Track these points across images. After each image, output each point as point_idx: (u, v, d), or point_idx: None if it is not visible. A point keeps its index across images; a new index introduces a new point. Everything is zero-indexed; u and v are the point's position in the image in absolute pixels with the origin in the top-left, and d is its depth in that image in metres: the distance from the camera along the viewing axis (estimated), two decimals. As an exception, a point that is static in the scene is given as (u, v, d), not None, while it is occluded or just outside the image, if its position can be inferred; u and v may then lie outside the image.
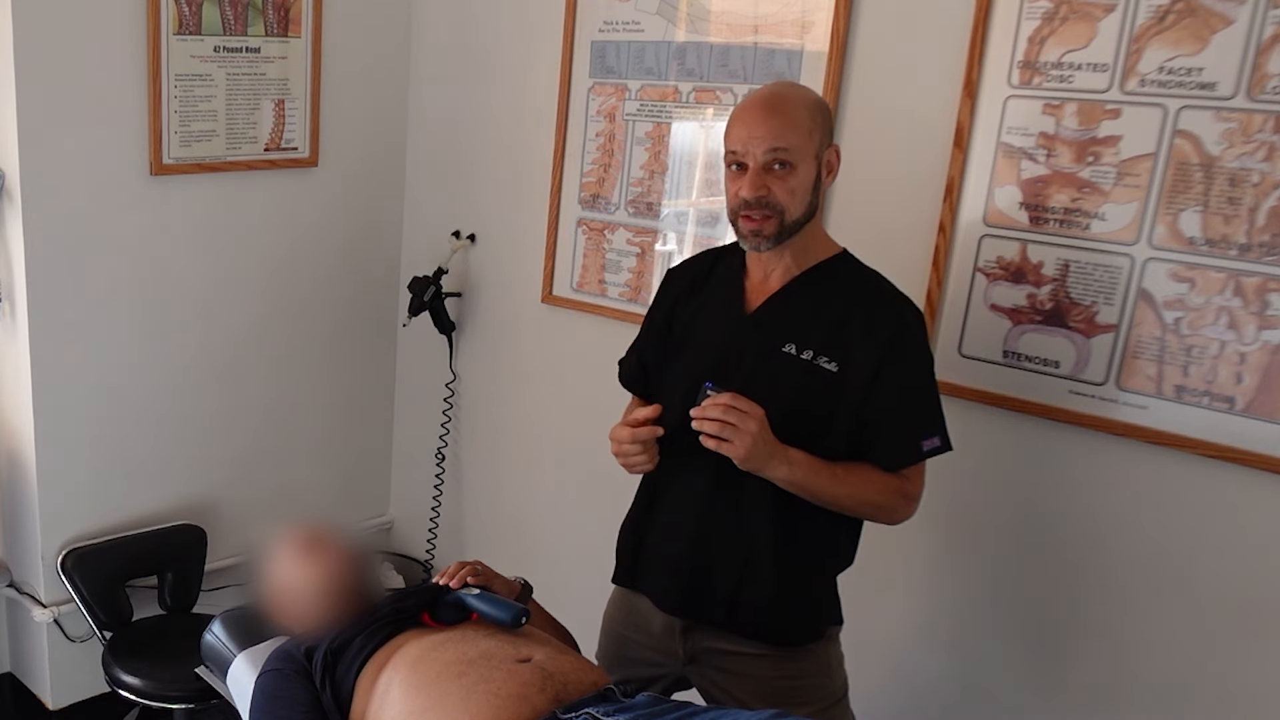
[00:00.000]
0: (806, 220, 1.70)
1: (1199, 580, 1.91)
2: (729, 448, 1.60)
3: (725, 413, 1.59)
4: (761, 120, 1.65)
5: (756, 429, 1.59)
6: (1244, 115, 1.77)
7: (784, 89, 1.72)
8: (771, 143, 1.64)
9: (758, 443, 1.59)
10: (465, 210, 3.01)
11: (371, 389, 3.29)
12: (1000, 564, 2.14)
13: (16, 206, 2.50)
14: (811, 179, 1.67)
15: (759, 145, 1.64)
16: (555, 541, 2.91)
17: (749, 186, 1.65)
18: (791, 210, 1.66)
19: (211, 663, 2.04)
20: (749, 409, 1.60)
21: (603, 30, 2.60)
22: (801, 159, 1.65)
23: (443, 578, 1.79)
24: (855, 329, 1.69)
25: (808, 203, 1.68)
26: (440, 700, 1.53)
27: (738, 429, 1.59)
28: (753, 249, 1.72)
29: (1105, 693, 2.04)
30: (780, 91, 1.70)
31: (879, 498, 1.72)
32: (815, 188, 1.68)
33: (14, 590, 2.81)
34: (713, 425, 1.60)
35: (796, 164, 1.64)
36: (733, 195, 1.69)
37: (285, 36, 2.81)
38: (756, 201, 1.65)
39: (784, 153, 1.64)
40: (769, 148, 1.64)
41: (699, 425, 1.61)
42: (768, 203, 1.65)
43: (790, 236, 1.69)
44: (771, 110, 1.66)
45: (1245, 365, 1.82)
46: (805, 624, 1.83)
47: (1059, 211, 1.97)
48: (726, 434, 1.59)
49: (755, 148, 1.64)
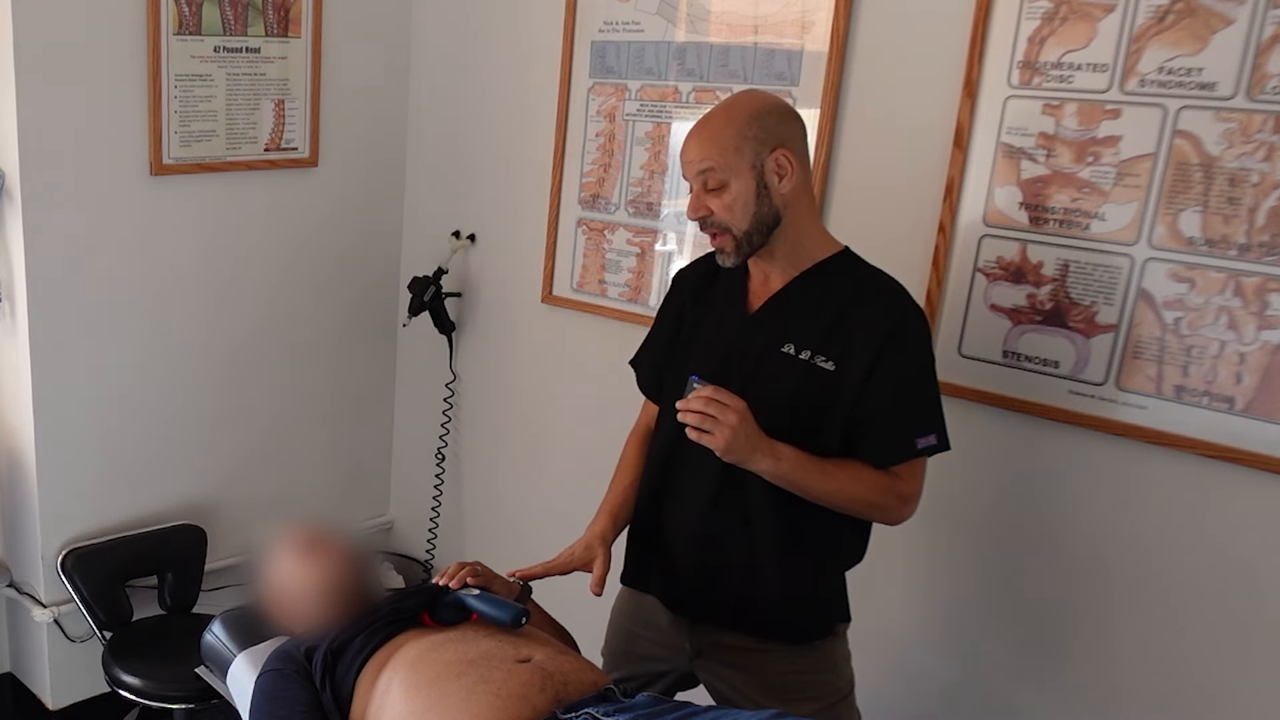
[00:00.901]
0: (769, 228, 1.70)
1: (1199, 580, 1.91)
2: (709, 439, 1.63)
3: (706, 405, 1.62)
4: (691, 144, 1.71)
5: (736, 421, 1.61)
6: (1244, 115, 1.77)
7: (722, 106, 1.73)
8: (697, 165, 1.69)
9: (738, 435, 1.61)
10: (465, 210, 3.02)
11: (371, 389, 3.29)
12: (1000, 563, 2.14)
13: (16, 206, 2.50)
14: (750, 191, 1.68)
15: (689, 169, 1.71)
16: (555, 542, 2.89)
17: (689, 208, 1.73)
18: (737, 224, 1.69)
19: (211, 663, 2.04)
20: (730, 401, 1.62)
21: (603, 30, 2.60)
22: (732, 175, 1.67)
23: (442, 578, 1.79)
24: (853, 326, 1.70)
25: (753, 214, 1.69)
26: (440, 700, 1.53)
27: (718, 421, 1.61)
28: (723, 264, 1.77)
29: (1104, 691, 2.04)
30: (716, 111, 1.73)
31: (869, 495, 1.71)
32: (760, 197, 1.68)
33: (14, 590, 2.81)
34: (694, 417, 1.63)
35: (727, 180, 1.68)
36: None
37: (285, 37, 2.81)
38: (701, 222, 1.72)
39: (711, 173, 1.68)
40: (696, 171, 1.70)
41: (682, 417, 1.65)
42: (712, 222, 1.71)
43: (757, 247, 1.72)
44: (697, 132, 1.71)
45: (1245, 365, 1.82)
46: (813, 620, 1.83)
47: (1059, 211, 1.97)
48: (707, 425, 1.62)
49: (688, 171, 1.71)
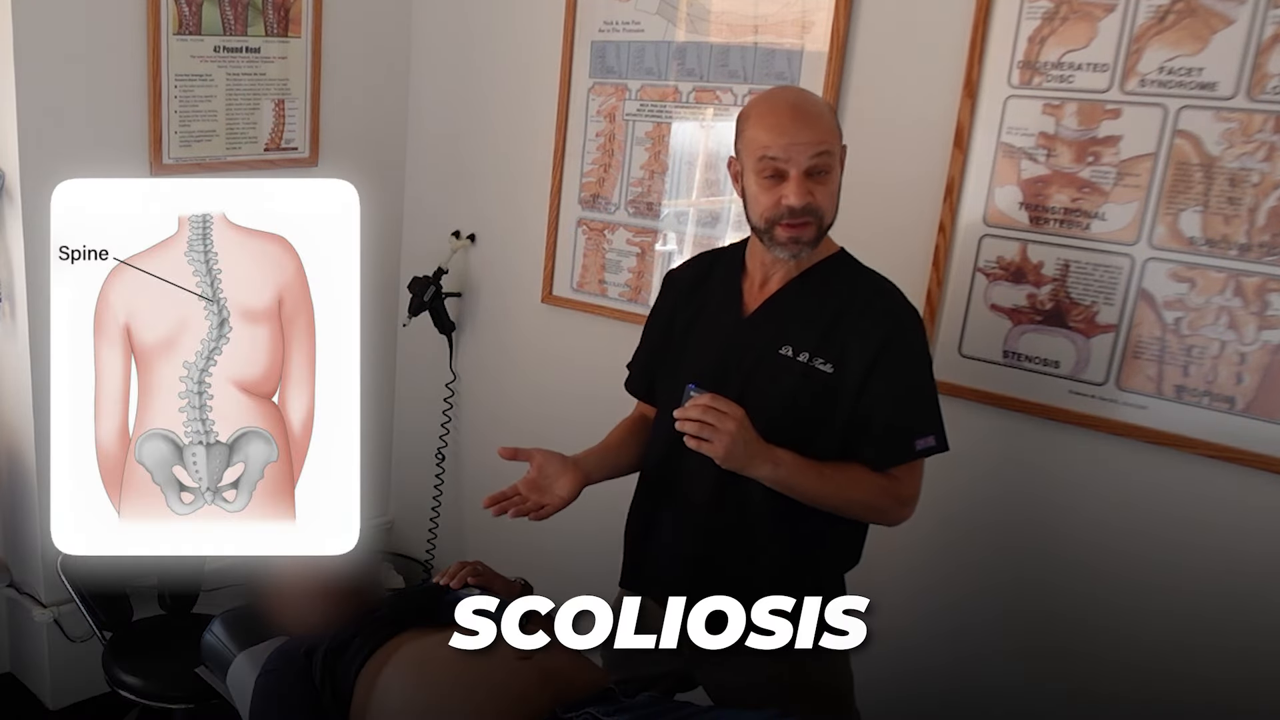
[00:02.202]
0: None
1: (1199, 580, 1.91)
2: (708, 447, 1.61)
3: (704, 413, 1.60)
4: (805, 126, 1.64)
5: (735, 428, 1.59)
6: (1244, 115, 1.77)
7: (805, 94, 1.72)
8: (815, 148, 1.62)
9: (736, 442, 1.60)
10: (465, 210, 3.01)
11: (371, 389, 3.28)
12: (1000, 563, 2.14)
13: (16, 206, 2.50)
14: (838, 182, 1.68)
15: (803, 151, 1.62)
16: (555, 542, 2.91)
17: (797, 194, 1.63)
18: (829, 214, 1.67)
19: (211, 663, 2.03)
20: (727, 409, 1.60)
21: (603, 30, 2.60)
22: (836, 162, 1.66)
23: (443, 578, 1.79)
24: (850, 329, 1.69)
25: (836, 206, 1.69)
26: (441, 700, 1.53)
27: (716, 429, 1.59)
28: (792, 256, 1.70)
29: (1104, 691, 2.04)
30: (805, 96, 1.71)
31: (868, 498, 1.70)
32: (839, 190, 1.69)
33: (14, 590, 2.81)
34: (693, 426, 1.61)
35: (833, 168, 1.65)
36: (772, 204, 1.66)
37: (285, 36, 2.81)
38: (804, 209, 1.64)
39: (826, 157, 1.63)
40: (814, 153, 1.62)
41: (680, 426, 1.62)
42: (812, 208, 1.64)
43: (821, 239, 1.70)
44: (810, 115, 1.65)
45: (1245, 365, 1.82)
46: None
47: (1059, 211, 1.97)
48: (705, 434, 1.60)
49: (799, 154, 1.62)
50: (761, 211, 1.68)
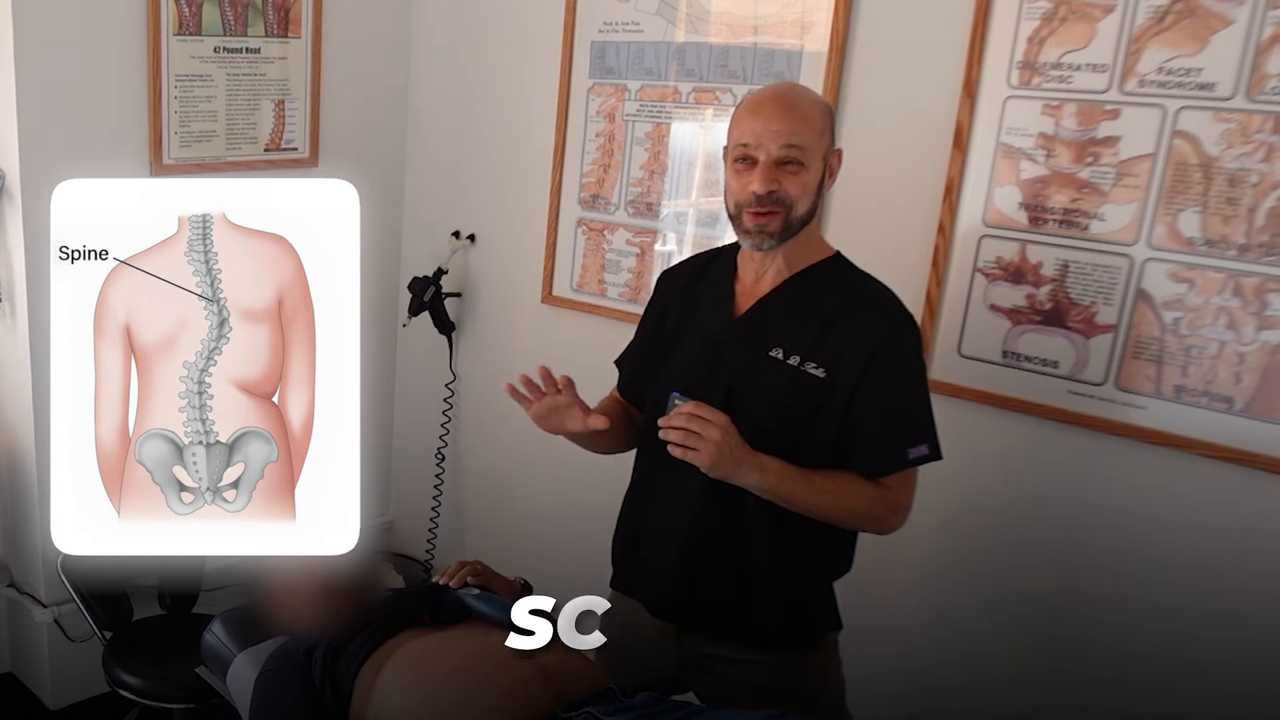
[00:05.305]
0: (808, 221, 1.68)
1: (1199, 580, 1.91)
2: (694, 456, 1.58)
3: (688, 421, 1.57)
4: (777, 115, 1.63)
5: (720, 437, 1.57)
6: (1243, 116, 1.77)
7: (796, 88, 1.71)
8: (787, 138, 1.61)
9: (722, 450, 1.57)
10: (465, 210, 3.02)
11: (371, 389, 3.28)
12: (999, 564, 2.14)
13: (16, 206, 2.50)
14: (818, 179, 1.65)
15: (774, 140, 1.61)
16: (555, 542, 2.91)
17: (761, 180, 1.62)
18: (799, 207, 1.64)
19: (211, 663, 2.04)
20: (712, 417, 1.58)
21: (603, 30, 2.60)
22: (811, 159, 1.63)
23: (443, 578, 1.79)
24: (843, 334, 1.66)
25: (812, 203, 1.66)
26: (441, 699, 1.54)
27: (701, 437, 1.57)
28: (755, 247, 1.68)
29: (1104, 691, 2.04)
30: (794, 90, 1.69)
31: (859, 506, 1.67)
32: (819, 189, 1.67)
33: (14, 590, 2.81)
34: (677, 434, 1.58)
35: (807, 163, 1.63)
36: (739, 190, 1.65)
37: (285, 37, 2.81)
38: (768, 196, 1.62)
39: (797, 150, 1.62)
40: (784, 143, 1.61)
41: (664, 435, 1.60)
42: (778, 197, 1.62)
43: (792, 236, 1.67)
44: (787, 106, 1.64)
45: (1244, 365, 1.82)
46: (802, 630, 1.80)
47: (1058, 212, 1.97)
48: (691, 442, 1.57)
49: (770, 142, 1.62)
50: (731, 198, 1.68)
